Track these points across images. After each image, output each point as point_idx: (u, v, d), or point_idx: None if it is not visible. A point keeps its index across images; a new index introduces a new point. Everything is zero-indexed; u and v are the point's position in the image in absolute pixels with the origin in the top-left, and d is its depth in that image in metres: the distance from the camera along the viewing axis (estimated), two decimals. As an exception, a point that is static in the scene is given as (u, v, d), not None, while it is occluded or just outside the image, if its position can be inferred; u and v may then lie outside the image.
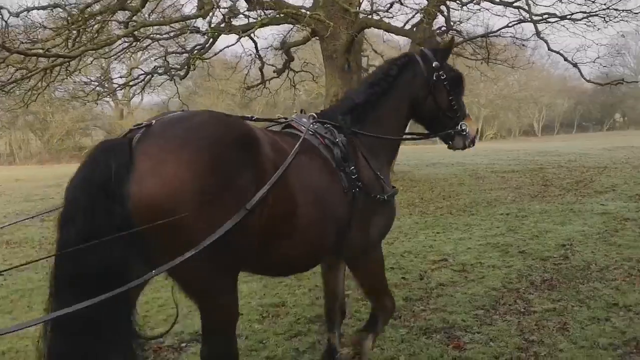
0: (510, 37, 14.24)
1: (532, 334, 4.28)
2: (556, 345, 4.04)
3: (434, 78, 3.27)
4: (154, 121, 2.31)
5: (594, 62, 13.63)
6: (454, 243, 7.24)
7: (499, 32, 14.02)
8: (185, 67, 16.16)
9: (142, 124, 2.31)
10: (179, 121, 2.31)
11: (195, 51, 15.85)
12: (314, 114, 3.11)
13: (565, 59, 12.96)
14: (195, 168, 2.13)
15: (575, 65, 12.93)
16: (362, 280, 3.25)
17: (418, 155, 23.21)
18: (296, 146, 2.61)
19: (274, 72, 18.94)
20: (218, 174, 2.18)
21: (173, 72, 16.60)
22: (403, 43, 18.26)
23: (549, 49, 12.77)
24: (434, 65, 3.27)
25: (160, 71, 16.56)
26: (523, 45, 14.33)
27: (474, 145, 3.54)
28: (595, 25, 12.76)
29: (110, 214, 2.05)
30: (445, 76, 3.29)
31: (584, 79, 14.14)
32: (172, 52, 16.98)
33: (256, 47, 16.58)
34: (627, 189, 11.36)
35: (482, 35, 14.32)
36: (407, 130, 3.55)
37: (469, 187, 12.73)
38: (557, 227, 7.97)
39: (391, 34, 16.67)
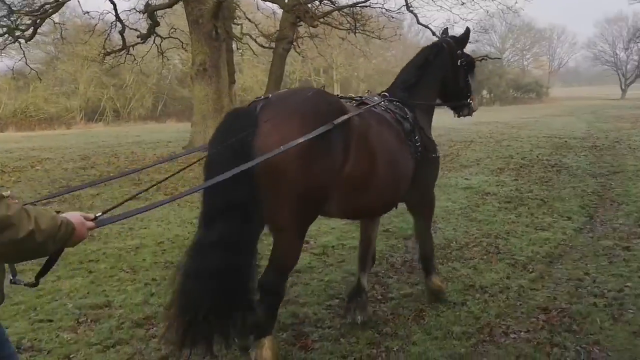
0: (380, 8, 14.10)
1: (387, 325, 3.94)
2: (410, 338, 3.72)
3: (458, 63, 4.16)
4: (270, 95, 3.00)
5: None
6: (318, 223, 6.80)
7: (368, 2, 13.80)
8: (32, 28, 14.30)
9: (261, 97, 2.99)
10: (291, 95, 3.10)
11: (47, 9, 14.04)
12: (385, 93, 3.89)
13: (434, 33, 13.08)
14: (300, 131, 2.74)
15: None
16: (418, 221, 4.24)
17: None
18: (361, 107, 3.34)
19: (137, 37, 17.45)
20: (318, 136, 2.78)
21: (17, 34, 14.63)
22: (278, 11, 17.58)
23: (418, 22, 12.79)
24: (458, 52, 4.16)
25: (0, 32, 14.51)
26: (392, 17, 14.29)
27: (472, 114, 4.47)
28: (461, 0, 12.93)
29: (241, 160, 2.58)
30: (464, 61, 4.20)
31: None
32: (17, 11, 14.94)
33: (115, 9, 15.05)
34: (490, 163, 11.74)
35: (350, 5, 14.02)
36: None
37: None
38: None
39: (264, 1, 15.93)
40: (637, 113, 28.49)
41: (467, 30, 4.37)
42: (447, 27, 4.81)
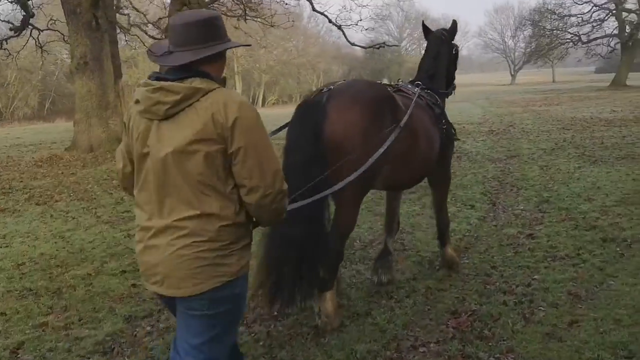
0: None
1: (282, 348, 3.41)
2: (309, 363, 3.22)
3: (453, 52, 4.67)
4: (332, 86, 3.50)
5: (356, 24, 13.69)
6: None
7: (262, -12, 13.20)
8: None
9: (324, 88, 3.52)
10: (349, 87, 3.56)
11: None
12: (419, 82, 4.30)
13: (330, 21, 12.73)
14: (362, 117, 3.36)
15: (339, 27, 12.76)
16: (437, 194, 4.65)
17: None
18: (413, 101, 3.82)
19: (10, 29, 15.72)
20: (374, 120, 3.41)
21: None
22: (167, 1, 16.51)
23: (313, 9, 12.36)
24: (453, 42, 4.65)
25: None
26: (286, 4, 13.78)
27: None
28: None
29: (314, 144, 3.26)
30: (456, 50, 4.70)
31: (348, 41, 14.17)
32: None
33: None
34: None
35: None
36: None
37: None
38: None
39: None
40: (527, 97, 30.03)
41: (454, 23, 4.78)
42: (423, 21, 5.20)
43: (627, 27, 36.99)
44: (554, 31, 39.95)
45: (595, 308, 3.74)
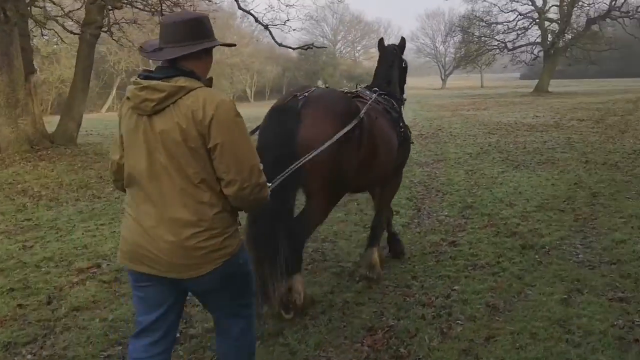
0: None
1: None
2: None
3: (403, 65, 5.03)
4: (306, 93, 3.67)
5: (284, 24, 13.40)
6: (118, 238, 5.72)
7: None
8: None
9: (299, 95, 3.66)
10: (323, 96, 3.77)
11: None
12: (376, 88, 4.64)
13: (257, 20, 12.38)
14: (332, 125, 3.58)
15: (266, 27, 12.43)
16: (385, 195, 4.77)
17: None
18: (367, 104, 4.06)
19: None
20: (343, 129, 3.59)
21: None
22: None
23: (239, 7, 11.96)
24: (403, 55, 5.01)
25: None
26: (210, 1, 13.25)
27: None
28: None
29: (287, 146, 3.47)
30: (405, 64, 5.07)
31: (276, 42, 13.88)
32: None
33: None
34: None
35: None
36: None
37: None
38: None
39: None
40: (456, 101, 30.77)
41: (403, 40, 5.14)
42: (382, 37, 5.39)
43: (549, 35, 38.71)
44: (482, 38, 41.24)
45: (512, 321, 3.63)
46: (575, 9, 37.31)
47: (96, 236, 5.84)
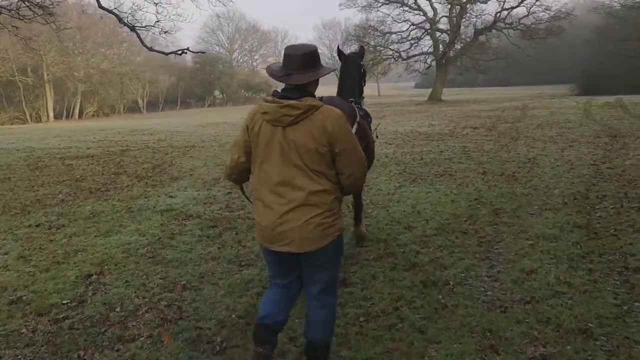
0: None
1: None
2: None
3: (362, 70, 5.45)
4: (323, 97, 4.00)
5: (154, 26, 12.07)
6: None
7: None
8: None
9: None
10: (333, 101, 4.36)
11: None
12: (352, 99, 5.06)
13: (120, 20, 10.98)
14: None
15: (132, 28, 11.06)
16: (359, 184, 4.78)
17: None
18: (360, 112, 4.93)
19: None
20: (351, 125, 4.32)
21: None
22: None
23: (100, 6, 10.53)
24: (362, 62, 5.47)
25: None
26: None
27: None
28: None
29: None
30: (364, 70, 5.54)
31: (145, 46, 12.52)
32: None
33: None
34: (205, 172, 10.18)
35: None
36: None
37: (15, 182, 9.56)
38: (97, 241, 5.80)
39: None
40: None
41: (362, 48, 5.70)
42: (339, 46, 5.95)
43: (441, 45, 39.88)
44: (377, 47, 41.70)
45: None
46: (463, 20, 38.72)
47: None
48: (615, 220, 5.82)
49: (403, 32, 40.67)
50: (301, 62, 2.71)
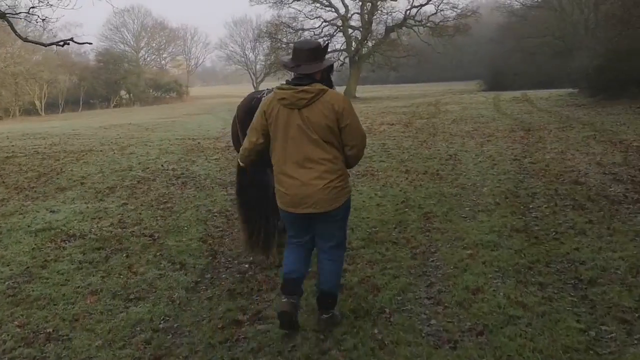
0: None
1: None
2: None
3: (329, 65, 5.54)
4: (268, 89, 4.43)
5: (28, 13, 10.53)
6: None
7: None
8: None
9: (264, 90, 4.59)
10: None
11: None
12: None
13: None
14: None
15: (3, 16, 9.57)
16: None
17: None
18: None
19: None
20: None
21: None
22: None
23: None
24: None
25: None
26: None
27: None
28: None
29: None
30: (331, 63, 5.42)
31: (19, 36, 10.98)
32: None
33: None
34: (99, 180, 8.93)
35: None
36: None
37: None
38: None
39: None
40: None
41: (327, 43, 6.19)
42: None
43: (353, 43, 39.77)
44: (290, 44, 40.94)
45: None
46: (374, 17, 38.81)
47: None
48: (553, 222, 5.36)
49: (316, 28, 40.21)
50: (307, 55, 3.27)
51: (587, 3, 37.03)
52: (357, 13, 39.72)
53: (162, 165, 10.25)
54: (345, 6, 39.54)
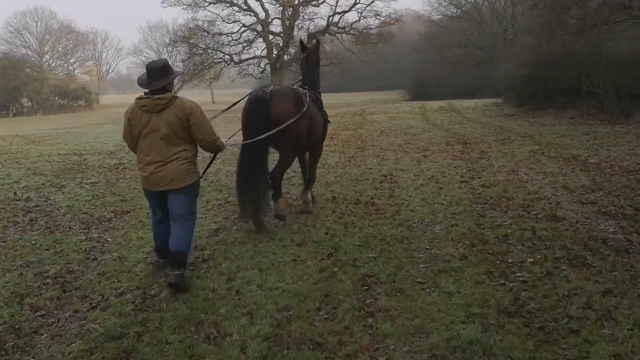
0: None
1: None
2: None
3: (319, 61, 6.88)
4: (271, 87, 5.76)
5: None
6: None
7: None
8: None
9: (267, 88, 5.65)
10: (283, 89, 5.98)
11: None
12: (306, 86, 6.25)
13: None
14: (295, 107, 5.55)
15: None
16: (313, 158, 6.46)
17: None
18: (308, 97, 5.91)
19: None
20: (300, 109, 5.57)
21: None
22: None
23: None
24: (318, 53, 6.83)
25: None
26: None
27: None
28: None
29: (264, 121, 5.32)
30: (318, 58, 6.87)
31: None
32: None
33: None
34: None
35: None
36: None
37: None
38: None
39: None
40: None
41: (318, 41, 7.22)
42: (301, 39, 7.12)
43: (275, 49, 37.85)
44: (207, 50, 38.45)
45: None
46: (296, 22, 37.13)
47: None
48: (554, 293, 3.58)
49: (234, 33, 37.96)
50: (158, 72, 4.19)
51: (505, 15, 37.31)
52: (278, 18, 37.96)
53: (15, 194, 7.78)
54: (265, 10, 37.67)
